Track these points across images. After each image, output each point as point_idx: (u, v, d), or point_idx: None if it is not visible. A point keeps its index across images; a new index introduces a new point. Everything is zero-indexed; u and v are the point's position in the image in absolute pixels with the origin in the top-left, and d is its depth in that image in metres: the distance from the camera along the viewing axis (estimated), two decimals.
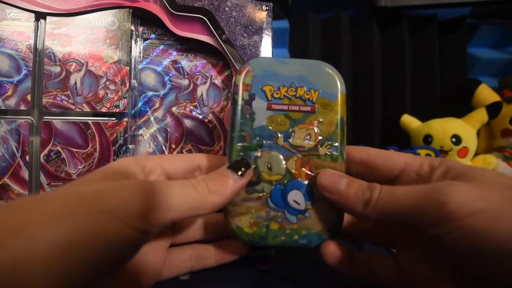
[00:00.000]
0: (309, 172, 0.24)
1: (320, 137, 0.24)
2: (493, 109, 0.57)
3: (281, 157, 0.24)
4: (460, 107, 0.62)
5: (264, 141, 0.24)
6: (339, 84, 0.24)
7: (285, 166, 0.24)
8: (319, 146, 0.24)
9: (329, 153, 0.24)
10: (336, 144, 0.24)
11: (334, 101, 0.24)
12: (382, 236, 0.25)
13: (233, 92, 0.25)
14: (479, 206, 0.17)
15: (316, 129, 0.24)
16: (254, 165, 0.24)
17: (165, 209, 0.18)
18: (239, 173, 0.22)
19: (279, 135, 0.24)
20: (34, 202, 0.16)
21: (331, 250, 0.23)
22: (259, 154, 0.24)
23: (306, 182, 0.24)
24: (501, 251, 0.16)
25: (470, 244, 0.17)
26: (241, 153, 0.24)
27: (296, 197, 0.23)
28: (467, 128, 0.57)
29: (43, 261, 0.14)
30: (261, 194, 0.23)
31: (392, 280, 0.23)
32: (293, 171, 0.24)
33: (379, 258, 0.24)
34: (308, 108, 0.24)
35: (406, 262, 0.22)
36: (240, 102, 0.24)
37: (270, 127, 0.24)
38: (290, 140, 0.24)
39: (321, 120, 0.24)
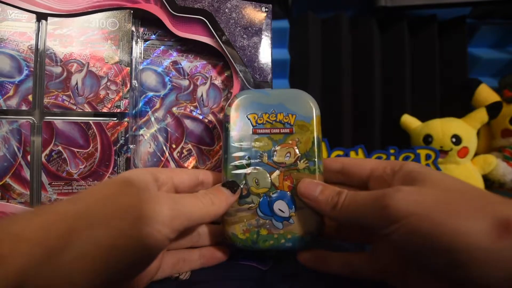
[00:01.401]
0: (290, 184, 0.27)
1: (298, 154, 0.28)
2: (493, 109, 0.57)
3: (267, 173, 0.28)
4: (460, 107, 0.62)
5: (251, 160, 0.28)
6: (313, 108, 0.28)
7: (270, 180, 0.27)
8: (298, 161, 0.28)
9: (307, 167, 0.27)
10: (313, 159, 0.27)
11: (310, 122, 0.28)
12: (360, 236, 0.29)
13: (224, 121, 0.29)
14: (412, 209, 0.19)
15: (295, 148, 0.28)
16: (244, 181, 0.27)
17: (183, 218, 0.22)
18: (232, 191, 0.26)
19: (264, 154, 0.28)
20: (79, 210, 0.19)
21: (305, 256, 0.27)
22: (248, 172, 0.27)
23: (288, 193, 0.27)
24: (430, 248, 0.19)
25: (409, 242, 0.20)
26: (233, 172, 0.27)
27: (281, 207, 0.27)
28: (467, 128, 0.57)
29: (90, 261, 0.17)
30: (251, 205, 0.27)
31: (370, 275, 0.25)
32: (277, 184, 0.27)
33: (357, 256, 0.26)
34: (287, 130, 0.28)
35: (380, 259, 0.25)
36: (230, 129, 0.28)
37: (256, 148, 0.28)
38: (273, 158, 0.28)
39: (298, 139, 0.28)
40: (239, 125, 0.28)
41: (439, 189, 0.21)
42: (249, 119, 0.28)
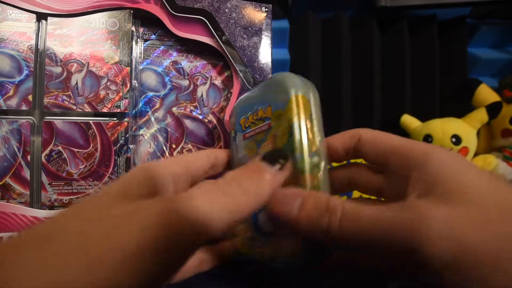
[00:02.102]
0: None
1: None
2: (493, 109, 0.57)
3: None
4: (460, 107, 0.62)
5: None
6: (289, 88, 0.21)
7: None
8: None
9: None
10: (294, 153, 0.20)
11: (284, 108, 0.21)
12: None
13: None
14: (457, 260, 0.14)
15: (272, 145, 0.22)
16: None
17: (203, 229, 0.15)
18: (277, 166, 0.18)
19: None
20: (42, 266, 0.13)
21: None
22: None
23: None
24: None
25: None
26: None
27: (264, 218, 0.22)
28: (467, 128, 0.57)
29: None
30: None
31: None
32: None
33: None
34: (266, 126, 0.23)
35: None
36: (231, 140, 0.27)
37: (247, 154, 0.25)
38: None
39: (275, 134, 0.22)
40: (235, 134, 0.26)
41: (487, 212, 0.14)
42: (240, 125, 0.26)
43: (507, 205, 0.15)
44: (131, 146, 0.34)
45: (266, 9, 0.35)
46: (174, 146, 0.35)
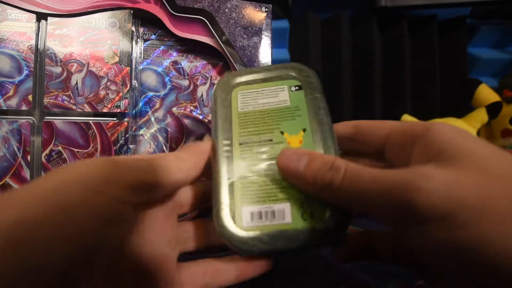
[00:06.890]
0: None
1: None
2: (493, 109, 0.57)
3: None
4: (460, 107, 0.62)
5: None
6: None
7: None
8: None
9: None
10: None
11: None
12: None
13: None
14: (452, 212, 0.14)
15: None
16: None
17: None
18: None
19: None
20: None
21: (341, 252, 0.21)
22: None
23: None
24: (476, 268, 0.14)
25: (446, 253, 0.15)
26: None
27: None
28: (467, 128, 0.57)
29: None
30: None
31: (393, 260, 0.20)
32: None
33: (379, 237, 0.21)
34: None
35: (402, 243, 0.19)
36: None
37: None
38: None
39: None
40: None
41: (487, 176, 0.15)
42: None
43: (509, 170, 0.15)
44: (131, 146, 0.34)
45: (266, 9, 0.35)
46: (174, 146, 0.35)
